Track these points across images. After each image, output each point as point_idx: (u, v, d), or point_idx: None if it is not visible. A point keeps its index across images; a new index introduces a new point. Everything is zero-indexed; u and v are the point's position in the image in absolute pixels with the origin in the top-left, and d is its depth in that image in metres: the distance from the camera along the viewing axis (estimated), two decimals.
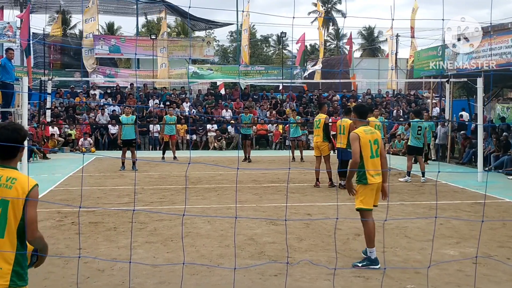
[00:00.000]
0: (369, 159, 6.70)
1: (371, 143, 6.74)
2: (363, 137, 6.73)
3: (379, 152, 6.82)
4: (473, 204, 11.09)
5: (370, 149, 6.73)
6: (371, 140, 6.76)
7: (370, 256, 6.63)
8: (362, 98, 32.14)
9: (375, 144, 6.77)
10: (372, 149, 6.74)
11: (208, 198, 11.71)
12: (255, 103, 30.13)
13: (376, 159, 6.76)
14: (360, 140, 6.69)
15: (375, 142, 6.78)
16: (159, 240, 7.85)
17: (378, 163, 6.78)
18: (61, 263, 6.68)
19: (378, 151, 6.80)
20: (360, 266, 6.58)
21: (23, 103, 13.18)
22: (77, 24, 47.98)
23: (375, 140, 6.80)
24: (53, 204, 10.23)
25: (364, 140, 6.72)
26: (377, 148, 6.79)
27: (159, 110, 28.33)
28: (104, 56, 33.47)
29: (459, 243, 7.84)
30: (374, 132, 6.99)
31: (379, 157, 6.80)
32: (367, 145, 6.72)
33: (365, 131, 6.83)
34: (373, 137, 6.81)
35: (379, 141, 6.87)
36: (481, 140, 15.90)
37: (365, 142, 6.72)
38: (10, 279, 3.68)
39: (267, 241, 7.83)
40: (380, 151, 6.83)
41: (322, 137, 13.35)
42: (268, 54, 53.61)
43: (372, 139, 6.77)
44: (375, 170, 6.71)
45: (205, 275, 6.31)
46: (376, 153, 6.77)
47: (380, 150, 6.83)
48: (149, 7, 38.07)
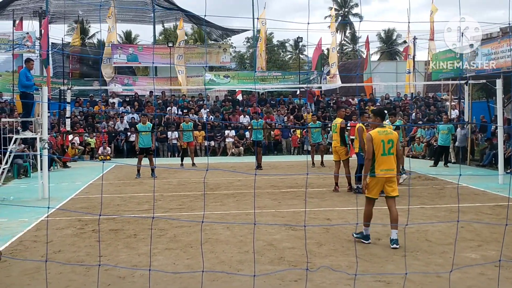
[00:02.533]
0: (380, 157, 7.65)
1: (384, 143, 7.66)
2: (376, 137, 7.68)
3: (392, 150, 7.70)
4: (495, 207, 10.95)
5: (383, 147, 7.66)
6: (385, 140, 7.67)
7: (363, 232, 7.94)
8: (380, 101, 32.00)
9: (388, 143, 7.67)
10: (385, 148, 7.66)
11: (227, 204, 11.72)
12: (272, 108, 30.18)
13: (388, 156, 7.68)
14: (372, 140, 7.66)
15: (388, 142, 7.68)
16: (179, 247, 7.88)
17: (390, 160, 7.69)
18: (82, 270, 6.73)
19: (391, 149, 7.69)
20: (355, 236, 7.99)
21: (43, 113, 13.35)
22: (96, 34, 48.53)
23: (388, 140, 7.69)
24: (74, 212, 10.33)
25: (377, 140, 7.66)
26: (390, 147, 7.67)
27: (177, 117, 28.49)
28: (122, 65, 33.72)
29: (480, 246, 7.75)
30: (390, 133, 7.88)
31: (392, 155, 7.72)
32: (379, 144, 7.65)
33: (379, 132, 7.77)
34: (387, 137, 7.70)
35: (394, 141, 7.73)
36: (502, 142, 15.71)
37: (378, 141, 7.65)
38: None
39: (287, 246, 7.82)
40: (393, 150, 7.71)
41: (339, 142, 13.30)
42: (285, 59, 53.55)
43: (386, 139, 7.68)
44: (386, 166, 7.66)
45: (225, 281, 6.31)
46: (389, 151, 7.67)
47: (393, 149, 7.71)
48: (166, 15, 38.36)
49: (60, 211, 10.90)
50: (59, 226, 9.45)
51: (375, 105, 31.12)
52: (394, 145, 7.72)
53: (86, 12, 37.75)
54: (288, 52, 56.13)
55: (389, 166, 7.68)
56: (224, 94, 33.43)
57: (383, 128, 7.91)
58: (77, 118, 27.11)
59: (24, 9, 34.46)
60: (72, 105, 27.12)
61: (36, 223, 9.78)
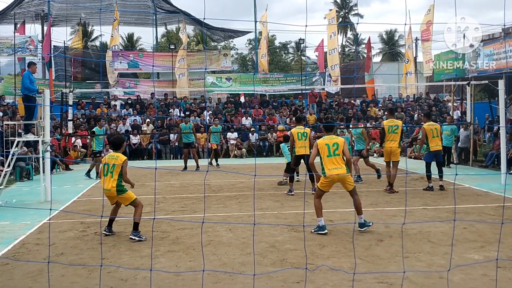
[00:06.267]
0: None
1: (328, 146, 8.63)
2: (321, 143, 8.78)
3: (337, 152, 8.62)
4: (497, 208, 10.93)
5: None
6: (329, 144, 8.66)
7: (318, 223, 8.61)
8: (382, 103, 31.98)
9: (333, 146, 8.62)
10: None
11: (229, 206, 11.72)
12: (274, 110, 30.19)
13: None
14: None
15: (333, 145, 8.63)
16: (181, 249, 7.88)
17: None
18: (85, 273, 6.73)
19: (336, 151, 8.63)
20: (313, 231, 8.62)
21: (45, 116, 13.36)
22: (98, 36, 48.61)
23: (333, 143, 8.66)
24: (77, 215, 10.34)
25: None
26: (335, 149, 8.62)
27: (179, 119, 28.52)
28: (123, 71, 33.77)
29: (483, 247, 7.74)
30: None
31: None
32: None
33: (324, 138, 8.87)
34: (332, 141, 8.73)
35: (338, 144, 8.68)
36: (504, 143, 15.68)
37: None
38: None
39: (289, 248, 7.81)
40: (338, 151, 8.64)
41: (398, 143, 13.43)
42: (286, 61, 53.57)
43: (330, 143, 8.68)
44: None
45: (228, 283, 6.31)
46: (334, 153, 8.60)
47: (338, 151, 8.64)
48: (169, 18, 38.40)
49: (63, 213, 10.90)
50: (62, 229, 9.46)
51: (377, 106, 31.13)
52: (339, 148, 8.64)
53: (89, 14, 37.81)
54: (290, 54, 56.15)
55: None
56: (226, 96, 33.49)
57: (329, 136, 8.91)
58: (79, 120, 27.15)
59: (26, 12, 34.52)
60: (74, 107, 27.16)
61: (39, 225, 9.79)
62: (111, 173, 8.35)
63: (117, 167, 8.35)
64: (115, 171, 8.35)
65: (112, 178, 8.33)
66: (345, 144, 8.78)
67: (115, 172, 8.35)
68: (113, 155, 8.60)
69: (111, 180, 8.32)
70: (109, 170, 8.38)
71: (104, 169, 8.46)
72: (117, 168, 8.36)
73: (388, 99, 32.27)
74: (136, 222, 8.45)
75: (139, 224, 8.47)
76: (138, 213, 8.45)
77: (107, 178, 8.37)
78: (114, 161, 8.43)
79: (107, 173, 8.41)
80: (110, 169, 8.37)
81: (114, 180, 8.32)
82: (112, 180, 8.31)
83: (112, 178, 8.33)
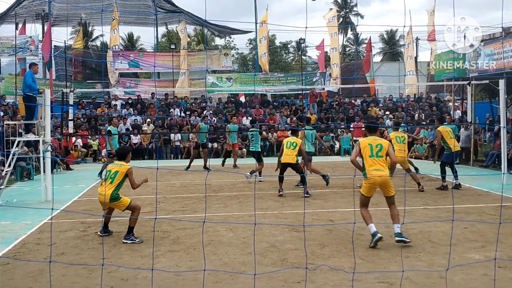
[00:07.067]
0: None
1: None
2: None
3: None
4: (498, 207, 10.91)
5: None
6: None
7: (371, 232, 7.84)
8: (383, 102, 31.96)
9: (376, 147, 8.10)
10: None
11: (230, 206, 11.72)
12: (275, 110, 30.19)
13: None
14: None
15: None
16: (182, 249, 7.88)
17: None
18: (85, 273, 6.74)
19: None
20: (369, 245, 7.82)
21: (46, 115, 13.36)
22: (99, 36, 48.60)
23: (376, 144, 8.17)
24: (77, 214, 10.34)
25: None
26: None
27: (180, 119, 28.53)
28: (124, 71, 33.76)
29: (484, 247, 7.74)
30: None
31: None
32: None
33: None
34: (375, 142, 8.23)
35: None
36: (505, 142, 15.67)
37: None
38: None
39: (290, 248, 7.81)
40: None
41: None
42: (287, 60, 53.56)
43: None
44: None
45: (228, 282, 6.31)
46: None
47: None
48: (169, 17, 38.34)
49: (63, 213, 10.90)
50: (62, 229, 9.47)
51: (378, 106, 31.12)
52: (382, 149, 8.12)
53: (89, 14, 37.79)
54: (290, 53, 56.14)
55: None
56: (227, 96, 33.50)
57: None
58: (79, 120, 27.18)
59: (27, 12, 34.50)
60: (75, 107, 27.18)
61: (39, 225, 9.79)
62: (112, 179, 8.28)
63: (119, 175, 8.31)
64: (116, 178, 8.30)
65: (111, 185, 8.23)
66: (390, 147, 8.26)
67: (116, 179, 8.29)
68: (117, 163, 8.57)
69: (109, 186, 8.21)
70: (110, 176, 8.32)
71: (106, 175, 8.41)
72: (119, 176, 8.31)
73: (389, 99, 32.25)
74: (130, 226, 8.31)
75: (133, 228, 8.34)
76: (134, 216, 8.32)
77: (106, 183, 8.26)
78: (118, 168, 8.38)
79: (107, 178, 8.33)
80: (112, 175, 8.32)
81: (112, 187, 8.21)
82: (110, 186, 8.20)
83: (111, 184, 8.24)
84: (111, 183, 8.24)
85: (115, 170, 8.36)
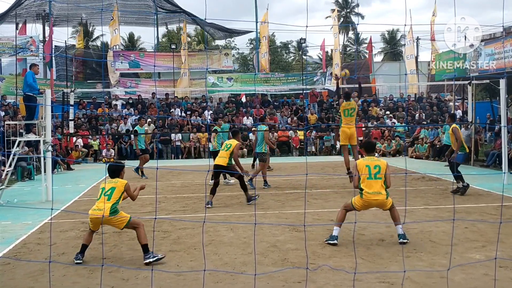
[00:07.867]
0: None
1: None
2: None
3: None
4: (499, 207, 10.89)
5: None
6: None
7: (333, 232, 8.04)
8: (384, 102, 31.95)
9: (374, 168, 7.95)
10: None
11: (231, 206, 11.72)
12: (275, 110, 30.19)
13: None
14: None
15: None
16: (183, 249, 7.87)
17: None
18: (86, 273, 6.74)
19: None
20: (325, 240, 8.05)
21: (47, 115, 13.36)
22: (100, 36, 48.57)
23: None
24: (78, 214, 10.33)
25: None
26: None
27: (180, 119, 28.53)
28: (125, 71, 33.77)
29: (485, 246, 7.73)
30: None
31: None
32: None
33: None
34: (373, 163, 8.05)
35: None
36: (505, 142, 15.66)
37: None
38: None
39: (290, 247, 7.81)
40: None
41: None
42: (288, 60, 53.54)
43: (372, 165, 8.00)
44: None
45: (229, 282, 6.30)
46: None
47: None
48: (170, 17, 38.34)
49: (64, 213, 10.90)
50: (63, 229, 9.47)
51: (378, 105, 31.10)
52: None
53: (90, 14, 37.78)
54: (291, 53, 56.11)
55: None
56: (227, 95, 33.51)
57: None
58: (80, 120, 27.18)
59: (27, 12, 34.48)
60: (76, 107, 27.21)
61: (40, 225, 9.80)
62: (108, 196, 7.35)
63: (116, 191, 7.41)
64: (113, 196, 7.36)
65: (108, 201, 7.31)
66: (388, 168, 8.06)
67: (113, 196, 7.35)
68: (111, 180, 7.58)
69: (106, 202, 7.30)
70: (105, 193, 7.39)
71: (100, 193, 7.47)
72: (116, 192, 7.40)
73: (389, 99, 32.24)
74: (144, 244, 7.24)
75: (147, 244, 7.25)
76: (142, 234, 7.29)
77: (101, 201, 7.35)
78: (114, 184, 7.50)
79: (100, 196, 7.42)
80: (107, 192, 7.40)
81: (110, 203, 7.30)
82: (107, 203, 7.29)
83: (109, 201, 7.32)
84: (108, 200, 7.35)
85: (110, 186, 7.48)
